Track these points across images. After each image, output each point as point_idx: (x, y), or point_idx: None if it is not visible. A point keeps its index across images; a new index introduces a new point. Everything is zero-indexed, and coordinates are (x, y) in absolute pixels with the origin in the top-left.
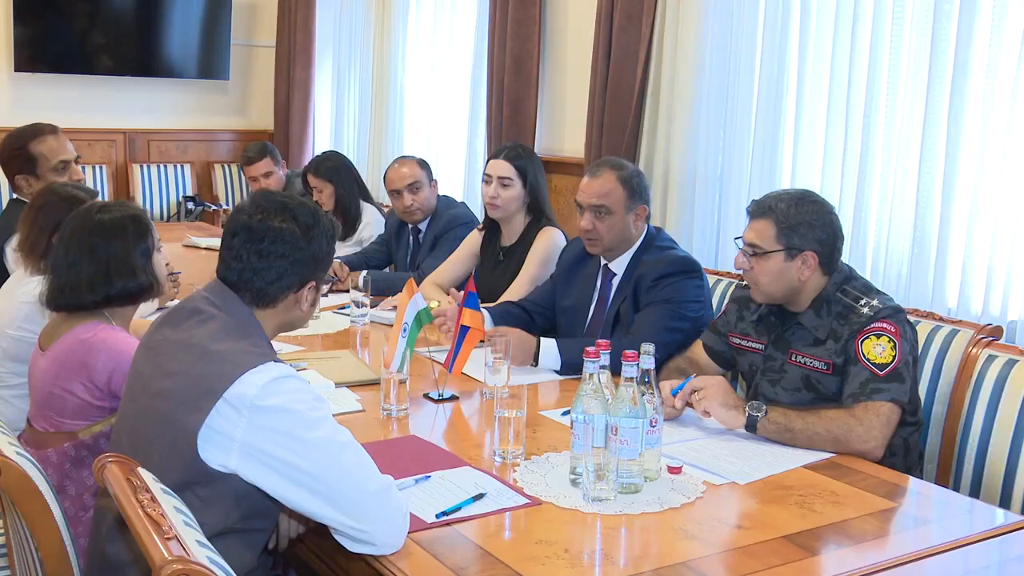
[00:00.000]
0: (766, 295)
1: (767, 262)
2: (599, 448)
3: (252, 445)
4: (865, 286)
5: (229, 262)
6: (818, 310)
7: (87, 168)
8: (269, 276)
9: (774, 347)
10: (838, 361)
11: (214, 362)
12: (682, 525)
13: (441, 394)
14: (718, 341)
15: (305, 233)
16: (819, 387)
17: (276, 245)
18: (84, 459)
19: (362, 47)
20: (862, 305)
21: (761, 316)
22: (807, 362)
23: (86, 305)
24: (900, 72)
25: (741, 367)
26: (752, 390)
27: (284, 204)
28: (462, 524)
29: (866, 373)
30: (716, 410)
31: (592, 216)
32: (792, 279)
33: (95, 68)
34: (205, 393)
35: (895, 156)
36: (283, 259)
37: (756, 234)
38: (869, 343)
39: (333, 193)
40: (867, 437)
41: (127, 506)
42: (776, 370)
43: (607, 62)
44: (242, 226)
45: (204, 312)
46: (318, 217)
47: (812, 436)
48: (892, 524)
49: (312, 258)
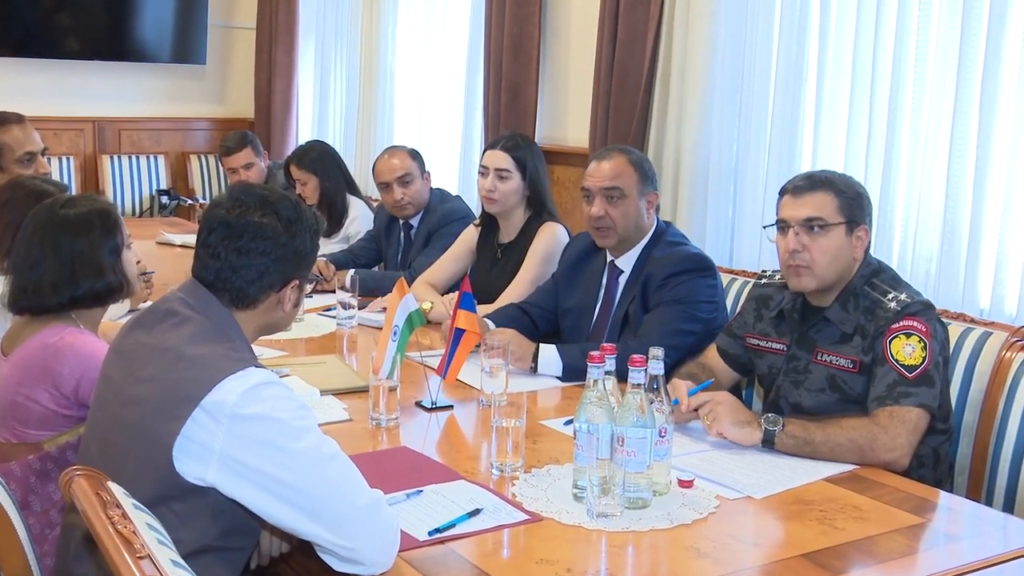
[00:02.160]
0: (820, 279)
1: (827, 238)
2: (604, 460)
3: (231, 456)
4: (894, 279)
5: (206, 260)
6: (844, 303)
7: (53, 160)
8: (249, 275)
9: (798, 346)
10: (865, 359)
11: (191, 367)
12: (694, 543)
13: (434, 402)
14: (733, 344)
15: (287, 228)
16: (844, 387)
17: (256, 242)
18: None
19: (349, 28)
20: (890, 299)
21: (783, 312)
22: (833, 360)
23: (50, 307)
24: (928, 54)
25: (759, 370)
26: (772, 393)
27: (264, 198)
28: (457, 542)
29: (894, 375)
30: (728, 430)
31: (604, 201)
32: (848, 259)
33: (61, 51)
34: (181, 400)
35: (923, 145)
36: (263, 256)
37: (815, 207)
38: (898, 343)
39: (318, 186)
40: (892, 446)
41: (96, 523)
42: (800, 371)
43: (613, 44)
44: (219, 221)
45: (179, 314)
46: (300, 211)
47: (834, 448)
48: (920, 541)
49: (295, 255)
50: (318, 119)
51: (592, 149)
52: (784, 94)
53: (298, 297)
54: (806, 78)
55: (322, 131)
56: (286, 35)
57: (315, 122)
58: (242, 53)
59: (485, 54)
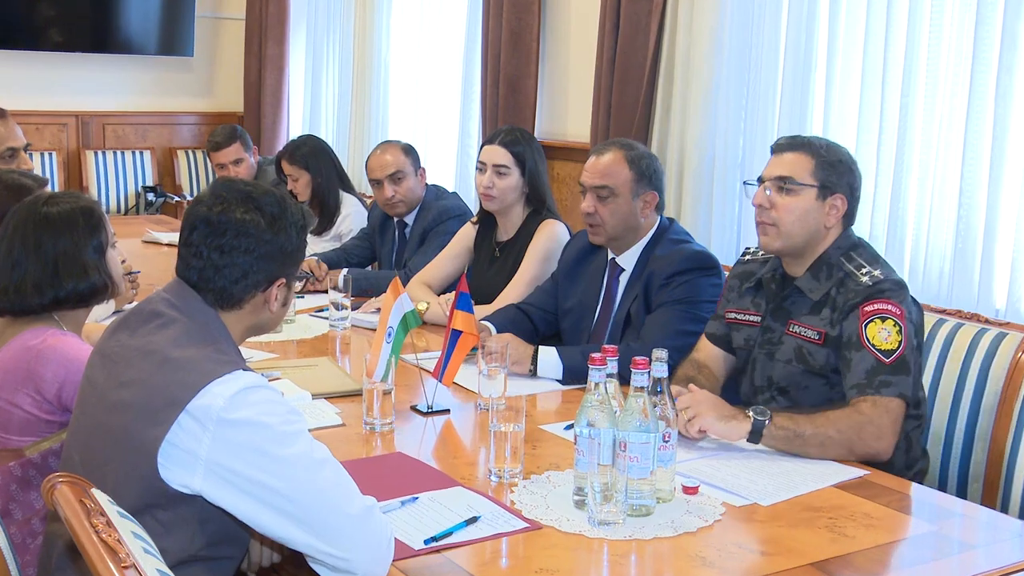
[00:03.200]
0: (785, 239)
1: (795, 199)
2: (606, 466)
3: (218, 463)
4: (872, 256)
5: (189, 260)
6: (816, 273)
7: (35, 155)
8: (233, 274)
9: (772, 317)
10: (831, 332)
11: (176, 370)
12: (699, 551)
13: (430, 406)
14: (719, 325)
15: (271, 224)
16: (809, 359)
17: (239, 239)
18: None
19: (342, 19)
20: (863, 273)
21: (761, 282)
22: (801, 332)
23: (32, 309)
24: (942, 43)
25: (736, 343)
26: (748, 367)
27: (247, 193)
28: (453, 551)
29: (871, 360)
30: (713, 425)
31: (594, 198)
32: (818, 224)
33: (44, 43)
34: (166, 405)
35: (936, 139)
36: (248, 254)
37: (788, 166)
38: (874, 327)
39: (310, 182)
40: (879, 435)
41: (80, 531)
42: (774, 342)
43: (615, 35)
44: (201, 219)
45: (164, 315)
46: (285, 206)
47: (824, 440)
48: (934, 550)
49: (280, 252)
50: (310, 113)
51: (593, 144)
52: (792, 85)
53: (286, 296)
54: (815, 68)
55: (314, 125)
56: (276, 26)
57: (307, 116)
58: (231, 45)
59: (483, 45)
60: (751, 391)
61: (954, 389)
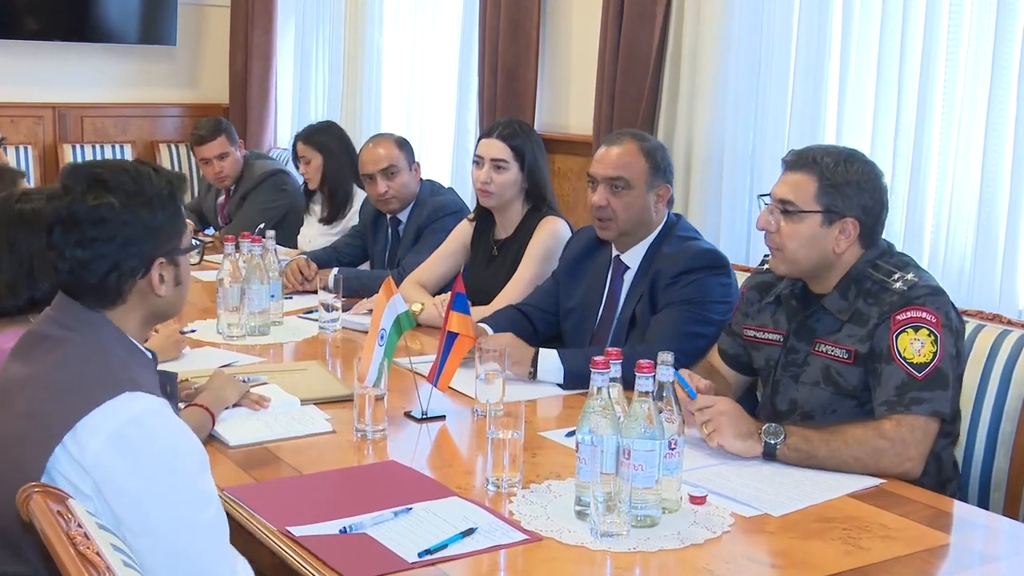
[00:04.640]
0: (790, 265)
1: (799, 224)
2: (609, 475)
3: (102, 499)
4: (902, 260)
5: (56, 264)
6: (844, 291)
7: (9, 149)
8: (101, 267)
9: (796, 337)
10: (861, 349)
11: (55, 398)
12: (707, 564)
13: (425, 412)
14: (732, 343)
15: (128, 204)
16: (839, 380)
17: (97, 228)
18: None
19: (332, 6)
20: (895, 279)
21: (780, 298)
22: (829, 351)
23: (7, 310)
24: (961, 34)
25: (756, 363)
26: (770, 389)
27: (95, 176)
28: (449, 564)
29: (902, 375)
30: (730, 442)
31: (607, 190)
32: (825, 250)
33: (18, 31)
34: (43, 437)
35: (956, 131)
36: (109, 243)
37: (791, 189)
38: (905, 338)
39: (321, 166)
40: (901, 459)
41: (56, 543)
42: (799, 364)
43: (619, 22)
44: (55, 217)
45: (53, 337)
46: (141, 179)
47: (839, 465)
48: (953, 562)
49: (146, 230)
50: (299, 105)
51: (596, 136)
52: (805, 75)
53: (174, 273)
54: (829, 57)
55: (303, 117)
56: (263, 14)
57: (296, 108)
58: (215, 33)
59: (480, 33)
60: (773, 417)
61: (975, 393)
